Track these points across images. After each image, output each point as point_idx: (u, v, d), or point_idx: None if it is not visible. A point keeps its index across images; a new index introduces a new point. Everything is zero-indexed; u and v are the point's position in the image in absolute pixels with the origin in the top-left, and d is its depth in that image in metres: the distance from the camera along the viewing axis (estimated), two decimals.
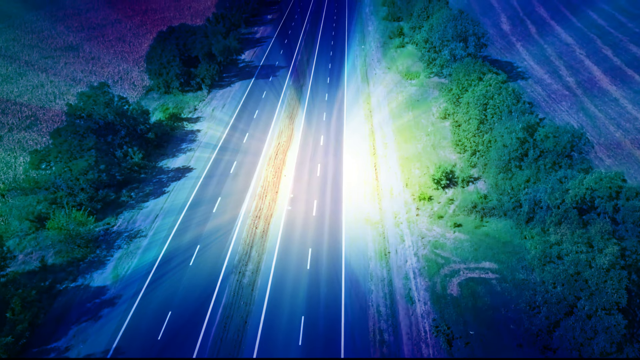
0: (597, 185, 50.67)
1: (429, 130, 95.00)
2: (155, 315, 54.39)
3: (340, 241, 65.43)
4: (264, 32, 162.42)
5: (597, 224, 48.03)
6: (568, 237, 47.40)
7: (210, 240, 65.41)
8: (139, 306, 55.76)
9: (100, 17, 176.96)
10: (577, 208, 52.97)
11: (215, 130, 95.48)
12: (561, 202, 53.18)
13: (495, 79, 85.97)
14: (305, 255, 62.79)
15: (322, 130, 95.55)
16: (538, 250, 48.45)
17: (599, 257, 42.49)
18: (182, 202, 73.86)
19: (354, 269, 60.73)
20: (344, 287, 58.05)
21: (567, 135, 61.91)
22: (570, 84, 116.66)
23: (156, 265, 61.58)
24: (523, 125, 64.90)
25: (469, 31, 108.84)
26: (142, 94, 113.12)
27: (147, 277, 59.84)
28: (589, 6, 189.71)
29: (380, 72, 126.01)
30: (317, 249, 64.07)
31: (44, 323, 53.53)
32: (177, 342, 50.98)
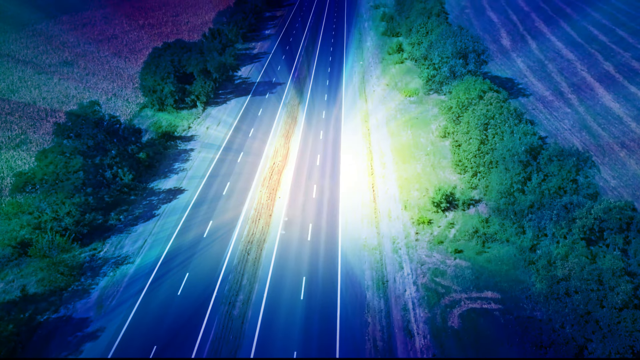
0: (606, 216, 48.04)
1: (429, 150, 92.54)
2: (139, 350, 51.44)
3: (336, 269, 62.63)
4: (262, 47, 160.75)
5: (608, 258, 45.24)
6: (576, 273, 44.58)
7: (200, 268, 62.62)
8: (123, 340, 52.83)
9: (96, 32, 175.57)
10: (584, 239, 50.28)
11: (209, 149, 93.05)
12: (568, 231, 50.51)
13: (496, 98, 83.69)
14: (299, 285, 59.96)
15: (319, 149, 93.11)
16: (544, 285, 45.65)
17: (610, 295, 39.74)
18: (172, 226, 71.17)
19: (350, 299, 57.86)
20: (339, 319, 55.14)
21: (572, 159, 59.40)
22: (573, 101, 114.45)
23: (142, 295, 58.69)
24: (526, 147, 62.38)
25: (469, 48, 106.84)
26: (135, 111, 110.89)
27: (132, 308, 56.99)
28: (589, 22, 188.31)
29: (379, 88, 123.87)
30: (312, 277, 61.26)
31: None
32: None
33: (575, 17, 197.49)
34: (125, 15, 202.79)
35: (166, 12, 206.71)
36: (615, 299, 39.52)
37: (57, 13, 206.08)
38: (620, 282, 41.34)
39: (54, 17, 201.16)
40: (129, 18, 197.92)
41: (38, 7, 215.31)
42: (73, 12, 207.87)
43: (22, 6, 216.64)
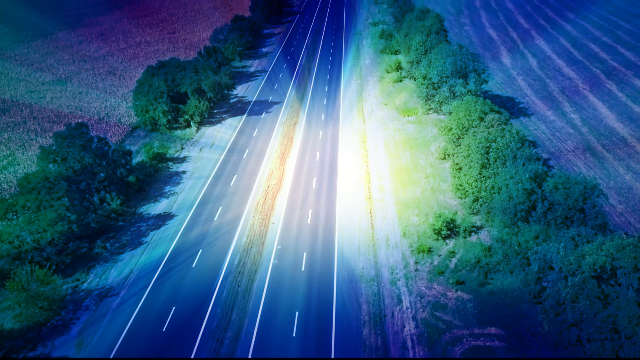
0: (619, 254, 44.98)
1: (428, 172, 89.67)
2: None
3: (331, 302, 59.35)
4: (259, 65, 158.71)
5: (622, 301, 42.05)
6: (589, 318, 41.41)
7: (187, 302, 59.35)
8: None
9: (92, 50, 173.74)
10: (596, 277, 47.16)
11: (201, 171, 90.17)
12: (577, 267, 47.40)
13: (497, 120, 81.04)
14: (291, 320, 56.64)
15: (315, 171, 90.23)
16: (553, 330, 42.40)
17: (627, 345, 36.58)
18: (159, 254, 68.04)
19: (346, 336, 54.51)
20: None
21: (579, 187, 56.43)
22: (575, 121, 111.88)
23: (125, 331, 55.35)
24: (530, 175, 59.46)
25: (469, 67, 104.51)
26: (128, 131, 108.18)
27: (114, 345, 53.60)
28: (589, 39, 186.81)
29: (377, 108, 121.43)
30: (305, 311, 57.98)
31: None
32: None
33: (575, 34, 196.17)
34: (122, 32, 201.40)
35: (163, 30, 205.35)
36: (632, 350, 36.36)
37: (54, 30, 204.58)
38: (637, 330, 38.17)
39: (50, 34, 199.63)
40: (125, 35, 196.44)
41: (35, 25, 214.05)
42: (70, 29, 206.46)
43: (18, 23, 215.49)
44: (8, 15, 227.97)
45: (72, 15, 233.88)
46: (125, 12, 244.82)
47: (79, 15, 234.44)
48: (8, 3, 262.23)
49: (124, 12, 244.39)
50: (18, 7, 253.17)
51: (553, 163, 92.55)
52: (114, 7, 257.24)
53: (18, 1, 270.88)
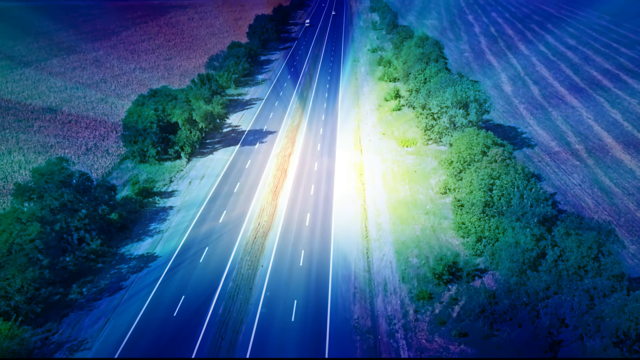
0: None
1: (428, 208, 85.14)
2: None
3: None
4: (254, 93, 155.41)
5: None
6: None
7: (166, 356, 54.15)
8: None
9: (85, 77, 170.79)
10: (617, 342, 42.26)
11: (189, 207, 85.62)
12: (596, 330, 42.53)
13: (501, 154, 76.79)
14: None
15: (309, 207, 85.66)
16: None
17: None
18: (139, 301, 63.01)
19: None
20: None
21: (593, 233, 51.81)
22: (580, 152, 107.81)
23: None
24: (539, 218, 54.84)
25: (470, 97, 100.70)
26: (116, 162, 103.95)
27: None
28: (592, 67, 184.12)
29: (375, 138, 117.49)
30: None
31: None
32: None
33: (577, 60, 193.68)
34: (118, 59, 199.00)
35: (159, 56, 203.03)
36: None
37: (48, 57, 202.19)
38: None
39: (44, 60, 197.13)
40: (120, 61, 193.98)
41: (29, 51, 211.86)
42: (64, 56, 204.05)
43: (13, 50, 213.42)
44: (2, 43, 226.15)
45: (67, 42, 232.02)
46: (122, 38, 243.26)
47: (75, 41, 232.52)
48: (1, 30, 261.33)
49: (120, 38, 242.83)
50: (14, 33, 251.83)
51: (559, 198, 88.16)
52: (111, 33, 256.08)
53: (14, 28, 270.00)
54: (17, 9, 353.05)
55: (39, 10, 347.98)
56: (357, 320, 59.66)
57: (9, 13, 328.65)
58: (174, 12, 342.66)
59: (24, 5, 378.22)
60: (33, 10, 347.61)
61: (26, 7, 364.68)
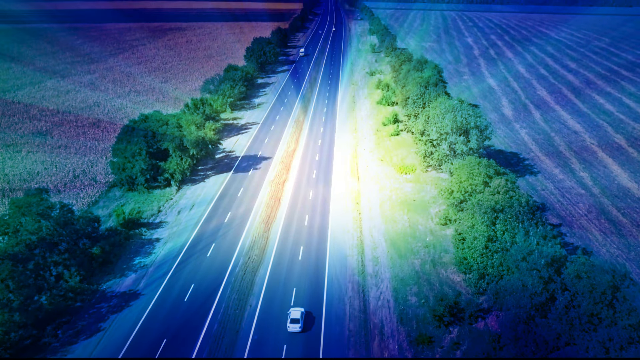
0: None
1: (428, 241, 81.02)
2: None
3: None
4: (250, 117, 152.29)
5: None
6: None
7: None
8: None
9: (79, 100, 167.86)
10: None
11: (177, 239, 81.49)
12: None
13: (504, 186, 72.92)
14: None
15: (303, 240, 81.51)
16: None
17: None
18: (118, 344, 58.50)
19: None
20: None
21: (607, 277, 47.62)
22: (585, 180, 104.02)
23: None
24: (546, 260, 50.73)
25: (471, 123, 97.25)
26: (103, 190, 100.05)
27: None
28: (593, 89, 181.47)
29: (373, 164, 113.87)
30: None
31: None
32: None
33: (577, 84, 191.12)
34: (113, 81, 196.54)
35: (155, 79, 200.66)
36: None
37: (42, 79, 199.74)
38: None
39: (39, 82, 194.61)
40: (115, 84, 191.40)
41: (24, 74, 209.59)
42: (59, 78, 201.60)
43: (7, 73, 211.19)
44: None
45: (63, 64, 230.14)
46: (119, 60, 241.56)
47: (71, 64, 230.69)
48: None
49: (117, 60, 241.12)
50: (10, 56, 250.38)
51: (565, 230, 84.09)
52: (108, 55, 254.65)
53: (10, 50, 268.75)
54: (15, 32, 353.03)
55: (38, 32, 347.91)
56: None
57: (7, 35, 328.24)
58: (172, 34, 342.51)
59: (21, 28, 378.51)
60: (31, 32, 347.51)
61: (24, 30, 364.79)
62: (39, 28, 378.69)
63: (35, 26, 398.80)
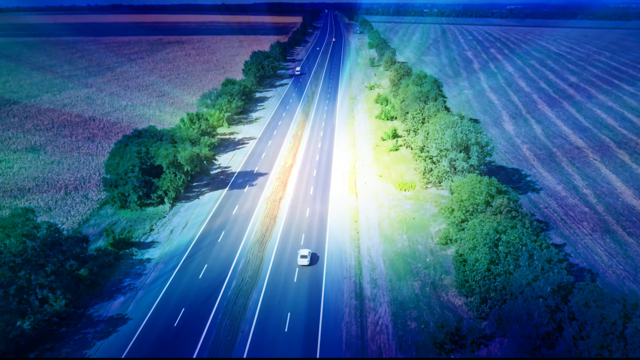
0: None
1: (428, 261, 78.36)
2: None
3: None
4: (247, 131, 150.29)
5: None
6: None
7: None
8: None
9: (75, 114, 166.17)
10: None
11: (168, 259, 78.88)
12: None
13: (506, 205, 70.42)
14: None
15: (297, 260, 78.62)
16: None
17: None
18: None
19: None
20: None
21: (617, 307, 44.95)
22: (589, 197, 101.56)
23: None
24: (552, 287, 48.09)
25: (471, 139, 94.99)
26: (95, 208, 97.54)
27: None
28: (594, 104, 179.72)
29: (371, 180, 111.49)
30: None
31: None
32: None
33: (579, 98, 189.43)
34: (110, 95, 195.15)
35: (152, 92, 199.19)
36: None
37: (39, 92, 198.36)
38: None
39: (35, 96, 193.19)
40: (112, 98, 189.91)
41: (21, 87, 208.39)
42: (56, 92, 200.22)
43: (4, 85, 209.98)
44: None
45: (61, 77, 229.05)
46: (117, 73, 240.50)
47: (68, 77, 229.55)
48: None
49: (115, 74, 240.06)
50: (8, 69, 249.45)
51: (569, 250, 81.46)
52: (106, 69, 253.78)
53: (8, 63, 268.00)
54: (14, 45, 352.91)
55: (37, 45, 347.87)
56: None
57: (5, 48, 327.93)
58: (171, 47, 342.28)
59: (21, 41, 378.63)
60: (31, 45, 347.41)
61: (24, 43, 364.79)
62: (38, 42, 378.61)
63: (35, 39, 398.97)
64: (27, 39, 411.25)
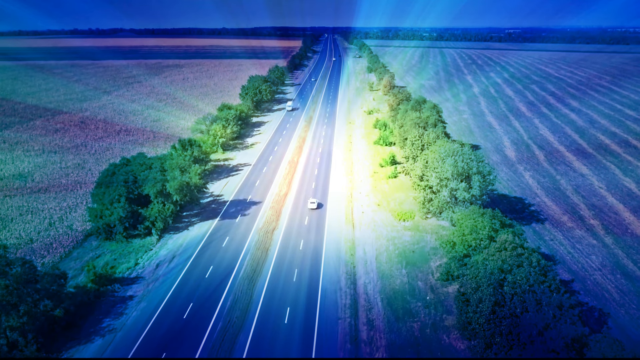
0: None
1: (428, 300, 73.59)
2: None
3: None
4: (242, 157, 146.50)
5: None
6: None
7: None
8: None
9: (66, 140, 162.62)
10: None
11: (152, 297, 74.12)
12: None
13: (511, 242, 65.95)
14: None
15: (289, 299, 73.97)
16: None
17: None
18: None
19: None
20: None
21: None
22: (597, 229, 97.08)
23: None
24: (566, 341, 43.44)
25: (473, 169, 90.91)
26: (80, 239, 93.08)
27: None
28: (597, 129, 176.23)
29: (369, 209, 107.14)
30: None
31: None
32: None
33: (581, 124, 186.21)
34: (104, 120, 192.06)
35: (147, 117, 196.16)
36: None
37: (32, 117, 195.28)
38: None
39: (29, 120, 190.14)
40: (106, 123, 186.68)
41: (15, 112, 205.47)
42: (49, 116, 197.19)
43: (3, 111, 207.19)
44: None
45: (56, 102, 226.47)
46: (112, 97, 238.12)
47: (63, 101, 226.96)
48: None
49: (110, 97, 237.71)
50: (2, 93, 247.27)
51: (578, 286, 76.77)
52: (102, 92, 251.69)
53: (4, 87, 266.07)
54: (13, 69, 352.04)
55: (35, 68, 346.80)
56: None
57: (3, 72, 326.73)
58: (169, 71, 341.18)
59: (17, 65, 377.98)
60: (28, 68, 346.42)
61: (23, 67, 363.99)
62: (36, 65, 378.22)
63: (34, 62, 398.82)
64: (27, 62, 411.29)
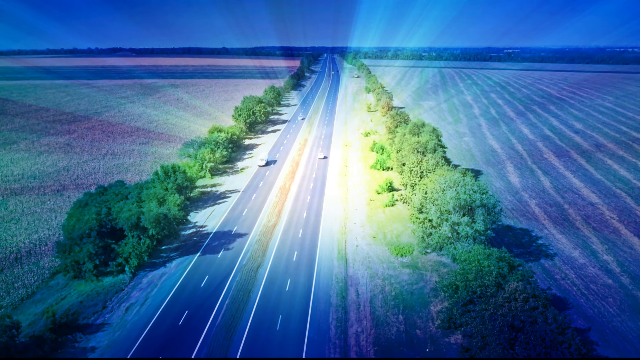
0: None
1: (427, 352, 65.19)
2: None
3: None
4: (231, 183, 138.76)
5: None
6: None
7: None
8: None
9: (48, 163, 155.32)
10: None
11: (118, 347, 65.80)
12: None
13: (522, 291, 57.80)
14: None
15: (272, 350, 65.57)
16: None
17: None
18: None
19: None
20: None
21: None
22: (611, 265, 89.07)
23: None
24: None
25: (476, 201, 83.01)
26: (46, 277, 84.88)
27: None
28: (604, 152, 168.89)
29: (363, 242, 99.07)
30: None
31: None
32: None
33: (587, 147, 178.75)
34: (90, 142, 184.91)
35: (135, 140, 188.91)
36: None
37: (17, 139, 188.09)
38: None
39: (11, 143, 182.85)
40: (92, 145, 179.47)
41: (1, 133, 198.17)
42: (35, 138, 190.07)
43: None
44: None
45: (44, 122, 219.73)
46: (102, 119, 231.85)
47: (51, 123, 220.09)
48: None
49: (100, 119, 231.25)
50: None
51: (596, 336, 68.30)
52: (93, 113, 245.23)
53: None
54: (4, 89, 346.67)
55: (26, 89, 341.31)
56: None
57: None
58: (164, 91, 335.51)
59: (19, 85, 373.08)
60: (19, 88, 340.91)
61: (15, 86, 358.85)
62: (28, 85, 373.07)
63: (27, 82, 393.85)
64: (19, 82, 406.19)
